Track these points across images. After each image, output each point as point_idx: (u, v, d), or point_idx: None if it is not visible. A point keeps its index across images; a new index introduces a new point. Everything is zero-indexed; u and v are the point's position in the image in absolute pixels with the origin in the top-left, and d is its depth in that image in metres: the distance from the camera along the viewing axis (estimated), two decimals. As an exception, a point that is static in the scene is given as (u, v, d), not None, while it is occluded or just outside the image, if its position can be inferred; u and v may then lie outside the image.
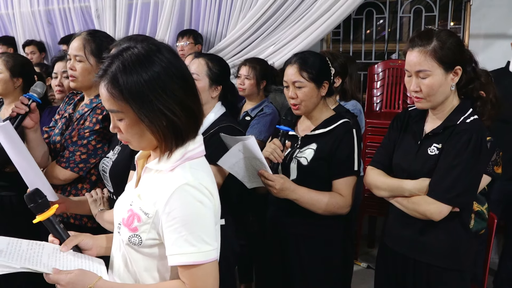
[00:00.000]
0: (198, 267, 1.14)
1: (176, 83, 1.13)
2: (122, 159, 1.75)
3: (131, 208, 1.21)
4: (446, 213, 1.65)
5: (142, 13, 4.27)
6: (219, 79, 2.10)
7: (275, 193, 1.87)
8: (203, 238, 1.13)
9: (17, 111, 1.88)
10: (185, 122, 1.15)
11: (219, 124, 1.99)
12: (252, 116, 2.93)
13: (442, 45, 1.63)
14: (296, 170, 1.94)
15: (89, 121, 1.98)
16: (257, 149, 1.82)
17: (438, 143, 1.69)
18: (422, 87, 1.66)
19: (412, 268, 1.76)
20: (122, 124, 1.15)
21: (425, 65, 1.64)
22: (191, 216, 1.13)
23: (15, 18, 4.90)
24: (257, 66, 3.02)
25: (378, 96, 4.04)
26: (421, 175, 1.71)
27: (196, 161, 1.20)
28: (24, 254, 1.21)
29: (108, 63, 1.13)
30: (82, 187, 2.01)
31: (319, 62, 1.95)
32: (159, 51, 1.14)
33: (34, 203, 1.28)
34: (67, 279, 1.16)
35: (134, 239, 1.19)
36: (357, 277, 3.09)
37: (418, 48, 1.65)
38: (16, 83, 2.45)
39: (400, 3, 4.26)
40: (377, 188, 1.81)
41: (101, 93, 1.15)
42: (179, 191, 1.12)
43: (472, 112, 1.70)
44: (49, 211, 1.29)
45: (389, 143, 1.87)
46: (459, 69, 1.67)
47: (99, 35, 2.06)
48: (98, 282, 1.17)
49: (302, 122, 2.06)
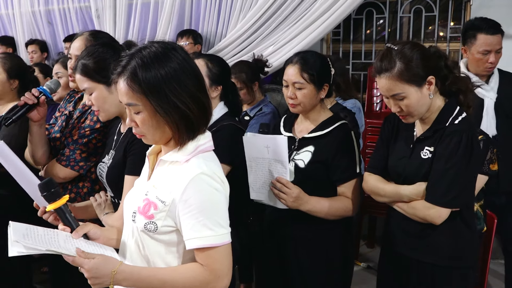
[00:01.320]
0: (215, 249, 1.21)
1: (190, 79, 1.22)
2: (117, 163, 1.74)
3: (147, 197, 1.28)
4: (445, 216, 1.66)
5: (142, 13, 4.27)
6: (219, 79, 2.10)
7: (289, 204, 1.85)
8: (219, 222, 1.22)
9: (25, 100, 1.88)
10: (197, 115, 1.23)
11: (221, 122, 1.99)
12: (251, 115, 2.92)
13: (406, 66, 1.61)
14: (293, 173, 1.93)
15: (90, 119, 1.98)
16: (284, 149, 1.81)
17: (429, 146, 1.70)
18: (402, 107, 1.67)
19: (415, 268, 1.76)
20: (139, 118, 1.23)
21: (397, 89, 1.63)
22: (208, 202, 1.21)
23: (15, 18, 4.90)
24: (242, 74, 2.92)
25: (378, 96, 4.03)
26: (417, 179, 1.71)
27: (208, 154, 1.29)
28: (43, 239, 1.26)
29: (127, 61, 1.21)
30: (83, 185, 2.01)
31: (320, 63, 1.93)
32: (174, 49, 1.23)
33: (47, 192, 1.33)
34: (91, 264, 1.21)
35: (150, 226, 1.25)
36: (357, 277, 3.08)
37: (384, 75, 1.64)
38: (13, 85, 2.43)
39: (400, 3, 4.26)
40: (377, 194, 1.83)
41: (119, 88, 1.22)
42: (196, 180, 1.20)
43: (459, 111, 1.70)
44: (61, 200, 1.34)
45: (382, 146, 1.87)
46: (432, 78, 1.66)
47: (101, 36, 2.06)
48: (120, 266, 1.23)
49: (300, 123, 2.04)
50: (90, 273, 1.21)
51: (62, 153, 1.98)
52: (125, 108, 1.27)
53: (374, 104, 4.04)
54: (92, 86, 1.70)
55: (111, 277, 1.20)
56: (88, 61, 1.69)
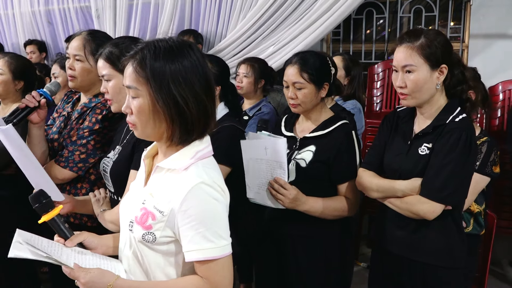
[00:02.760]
0: (216, 261, 1.18)
1: (198, 80, 1.19)
2: (123, 158, 1.75)
3: (145, 206, 1.24)
4: (439, 212, 1.66)
5: (142, 13, 4.27)
6: (218, 79, 2.09)
7: (286, 204, 1.85)
8: (220, 234, 1.18)
9: (26, 103, 1.89)
10: (196, 116, 1.18)
11: (222, 124, 1.99)
12: (250, 115, 2.92)
13: (429, 43, 1.66)
14: (294, 172, 1.94)
15: (89, 120, 1.98)
16: (283, 152, 1.81)
17: (428, 142, 1.70)
18: (407, 83, 1.68)
19: (407, 267, 1.76)
20: (135, 103, 1.19)
21: (411, 60, 1.66)
22: (208, 213, 1.17)
23: (15, 18, 4.90)
24: (255, 65, 3.01)
25: (378, 96, 4.04)
26: (413, 175, 1.71)
27: (207, 160, 1.25)
28: (46, 248, 1.26)
29: (142, 47, 1.20)
30: (82, 186, 2.01)
31: (320, 63, 1.94)
32: (191, 48, 1.21)
33: (38, 203, 1.30)
34: (87, 277, 1.20)
35: (148, 236, 1.22)
36: (357, 277, 3.08)
37: (405, 44, 1.69)
38: (18, 86, 2.42)
39: (400, 3, 4.26)
40: (370, 189, 1.82)
41: (126, 71, 1.21)
42: (195, 190, 1.16)
43: (460, 111, 1.71)
44: (54, 211, 1.32)
45: (379, 144, 1.87)
46: (445, 68, 1.68)
47: (99, 35, 2.06)
48: (117, 281, 1.21)
49: (301, 123, 2.05)
50: (86, 286, 1.20)
51: (61, 154, 1.98)
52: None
53: (374, 104, 4.04)
54: (112, 73, 1.71)
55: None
56: (114, 49, 1.71)
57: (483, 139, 2.33)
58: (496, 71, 3.63)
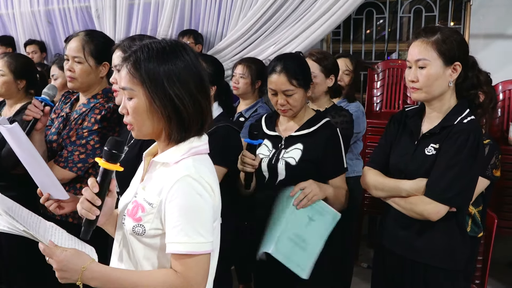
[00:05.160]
0: (191, 257, 1.17)
1: (192, 78, 1.22)
2: (130, 159, 1.74)
3: (136, 199, 1.26)
4: (443, 213, 1.65)
5: (143, 13, 4.27)
6: (213, 79, 2.09)
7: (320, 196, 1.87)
8: (198, 230, 1.17)
9: (32, 115, 1.89)
10: (191, 114, 1.21)
11: (216, 124, 1.99)
12: (246, 117, 2.89)
13: (444, 38, 1.66)
14: (284, 171, 1.95)
15: (88, 121, 1.98)
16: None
17: (435, 143, 1.69)
18: (419, 77, 1.67)
19: (409, 268, 1.75)
20: (131, 104, 1.21)
21: (424, 54, 1.66)
22: (189, 207, 1.17)
23: (15, 18, 4.91)
24: (252, 66, 2.98)
25: (378, 96, 4.04)
26: (418, 176, 1.70)
27: (200, 156, 1.26)
28: (25, 220, 1.25)
29: (135, 49, 1.22)
30: (81, 186, 2.00)
31: (302, 64, 2.00)
32: (184, 49, 1.24)
33: (114, 150, 1.23)
34: (62, 256, 1.18)
35: (137, 228, 1.23)
36: (357, 277, 3.08)
37: (421, 39, 1.69)
38: (20, 85, 2.40)
39: (400, 3, 4.26)
40: (374, 188, 1.81)
41: (121, 73, 1.23)
42: (181, 182, 1.17)
43: (469, 112, 1.70)
44: (116, 167, 1.26)
45: (385, 143, 1.87)
46: (459, 65, 1.67)
47: (96, 35, 2.06)
48: (91, 264, 1.19)
49: (283, 122, 2.06)
50: (59, 265, 1.17)
51: (60, 155, 1.98)
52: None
53: (374, 104, 4.04)
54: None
55: (80, 273, 1.17)
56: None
57: (486, 142, 2.33)
58: (496, 71, 3.62)
